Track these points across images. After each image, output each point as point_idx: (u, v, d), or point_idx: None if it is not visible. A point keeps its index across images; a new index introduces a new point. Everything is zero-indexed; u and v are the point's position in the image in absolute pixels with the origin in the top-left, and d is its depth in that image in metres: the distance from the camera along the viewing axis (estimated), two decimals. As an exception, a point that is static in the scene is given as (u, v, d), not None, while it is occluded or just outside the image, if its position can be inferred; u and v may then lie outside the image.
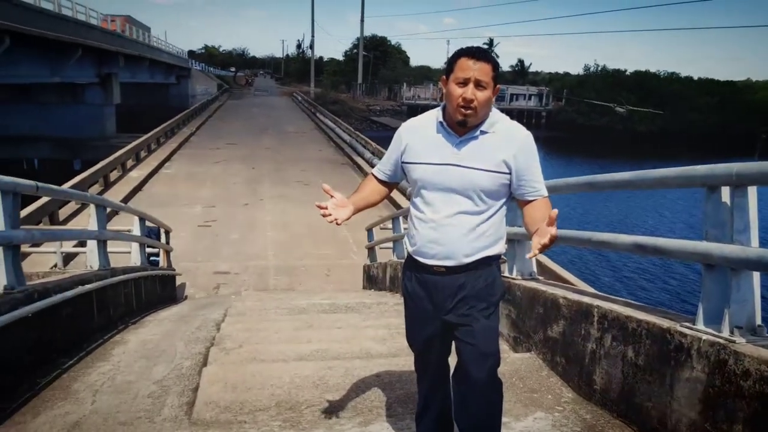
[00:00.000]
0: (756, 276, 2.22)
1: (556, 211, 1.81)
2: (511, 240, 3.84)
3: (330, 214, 2.04)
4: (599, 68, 64.04)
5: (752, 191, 2.23)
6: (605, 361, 2.75)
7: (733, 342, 2.11)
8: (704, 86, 58.64)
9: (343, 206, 2.09)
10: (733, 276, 2.20)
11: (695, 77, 62.49)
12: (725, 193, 2.27)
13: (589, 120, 54.23)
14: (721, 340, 2.14)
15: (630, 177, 2.93)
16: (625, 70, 61.52)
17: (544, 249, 1.81)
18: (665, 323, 2.41)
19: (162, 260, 8.56)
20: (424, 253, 2.09)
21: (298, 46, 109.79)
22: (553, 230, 1.77)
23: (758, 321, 2.22)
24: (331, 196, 2.07)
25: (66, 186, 11.25)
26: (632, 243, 2.85)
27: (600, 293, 3.61)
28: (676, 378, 2.29)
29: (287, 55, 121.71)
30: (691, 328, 2.29)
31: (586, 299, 3.01)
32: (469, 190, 2.00)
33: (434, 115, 2.09)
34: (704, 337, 2.20)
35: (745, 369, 1.99)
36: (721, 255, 2.22)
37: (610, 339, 2.72)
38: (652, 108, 51.61)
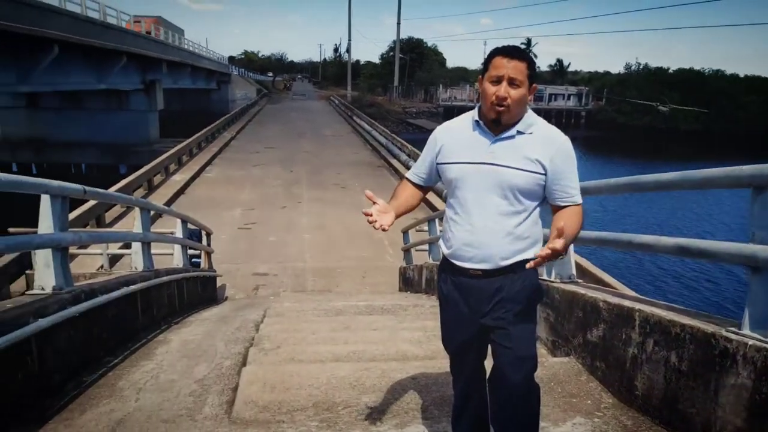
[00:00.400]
0: (807, 279, 2.14)
1: (563, 225, 1.78)
2: (550, 242, 3.79)
3: (376, 221, 2.03)
4: (641, 66, 62.61)
5: (802, 192, 2.15)
6: (647, 366, 2.68)
7: (782, 348, 2.04)
8: (751, 84, 56.61)
9: (386, 212, 2.08)
10: (781, 279, 2.12)
11: (741, 74, 60.44)
12: (773, 193, 2.19)
13: (631, 119, 53.04)
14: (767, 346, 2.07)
15: (674, 177, 2.85)
16: (668, 68, 59.98)
17: (542, 261, 1.81)
18: (710, 328, 2.34)
19: (203, 262, 8.75)
20: (460, 256, 2.08)
21: (335, 50, 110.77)
22: (557, 243, 1.75)
23: (809, 326, 2.13)
24: (374, 203, 2.06)
25: (112, 190, 11.61)
26: (675, 245, 2.78)
27: (641, 297, 3.53)
28: (720, 384, 2.23)
29: (324, 59, 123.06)
30: (736, 333, 2.22)
31: (627, 303, 2.95)
32: (504, 189, 1.98)
33: (470, 115, 2.09)
34: (750, 342, 2.13)
35: (795, 376, 1.92)
36: (769, 258, 2.15)
37: (652, 344, 2.65)
38: (696, 107, 50.09)
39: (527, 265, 1.88)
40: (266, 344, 4.03)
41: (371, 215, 2.02)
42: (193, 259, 8.02)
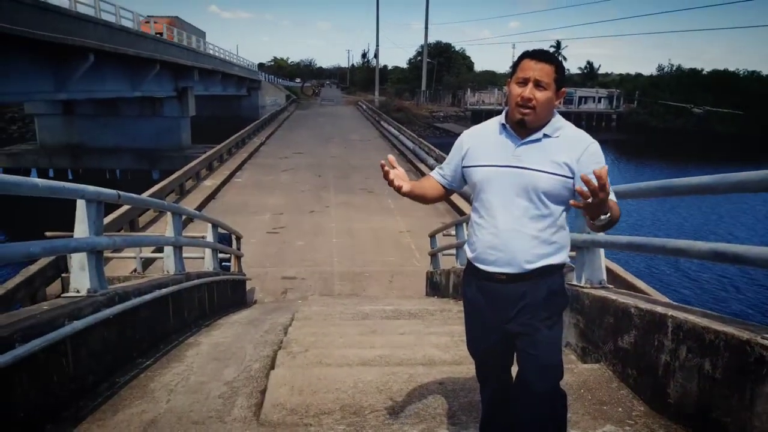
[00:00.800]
0: None
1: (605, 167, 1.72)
2: (580, 247, 3.74)
3: (393, 179, 2.04)
4: (673, 68, 61.32)
5: (843, 195, 2.08)
6: (680, 373, 2.62)
7: (822, 356, 1.97)
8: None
9: (405, 180, 2.09)
10: (821, 286, 2.05)
11: (778, 76, 58.68)
12: (812, 197, 2.13)
13: (663, 122, 51.95)
14: (808, 354, 2.01)
15: (707, 181, 2.78)
16: (702, 70, 58.61)
17: (592, 188, 1.69)
18: (745, 335, 2.28)
19: (233, 265, 8.86)
20: (484, 259, 2.06)
21: (363, 55, 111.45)
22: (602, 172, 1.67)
23: None
24: (393, 167, 2.07)
25: (145, 195, 11.85)
26: (710, 250, 2.71)
27: (674, 303, 3.45)
28: (756, 392, 2.16)
29: (353, 64, 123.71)
30: (774, 341, 2.16)
31: (659, 309, 2.89)
32: (529, 192, 1.97)
33: (497, 119, 2.09)
34: (789, 350, 2.07)
35: (836, 385, 1.86)
36: (808, 263, 2.08)
37: (686, 350, 2.59)
38: (731, 109, 48.83)
39: (571, 203, 1.81)
40: (294, 347, 4.06)
41: (388, 171, 2.03)
42: (223, 263, 8.13)
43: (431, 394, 2.97)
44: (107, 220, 9.80)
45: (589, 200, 1.72)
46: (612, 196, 1.93)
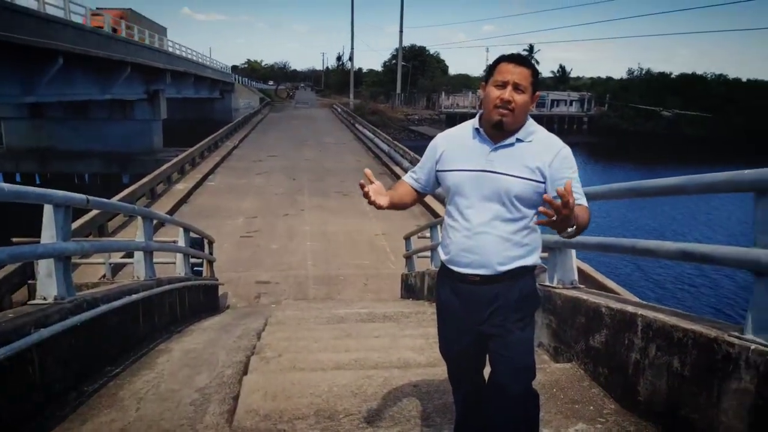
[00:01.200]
0: (810, 283, 2.12)
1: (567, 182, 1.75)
2: (552, 249, 3.79)
3: (372, 196, 2.03)
4: (643, 72, 62.60)
5: (804, 195, 2.14)
6: (650, 371, 2.67)
7: (785, 352, 2.02)
8: (754, 88, 56.53)
9: (382, 194, 2.08)
10: (784, 283, 2.11)
11: (744, 79, 60.37)
12: (776, 197, 2.18)
13: (634, 125, 52.98)
14: (771, 351, 2.05)
15: (676, 182, 2.85)
16: (671, 73, 59.97)
17: (550, 214, 1.72)
18: (712, 332, 2.33)
19: (205, 270, 8.75)
20: (458, 261, 2.07)
21: (338, 58, 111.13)
22: (569, 196, 1.69)
23: (813, 331, 2.12)
24: (371, 182, 2.05)
25: (115, 199, 11.65)
26: (678, 250, 2.77)
27: (644, 302, 3.51)
28: (723, 389, 2.21)
29: (327, 67, 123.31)
30: (739, 338, 2.21)
31: (629, 308, 2.93)
32: (502, 196, 1.99)
33: (470, 123, 2.11)
34: (753, 346, 2.11)
35: (799, 381, 1.90)
36: (771, 262, 2.14)
37: (655, 349, 2.64)
38: (699, 111, 50.01)
39: (536, 222, 1.83)
40: (268, 353, 4.02)
41: (368, 190, 2.01)
42: (195, 268, 8.03)
43: (406, 397, 2.96)
44: (75, 225, 9.61)
45: (554, 218, 1.74)
46: (583, 201, 1.96)
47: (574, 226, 1.86)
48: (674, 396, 2.49)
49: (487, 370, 2.19)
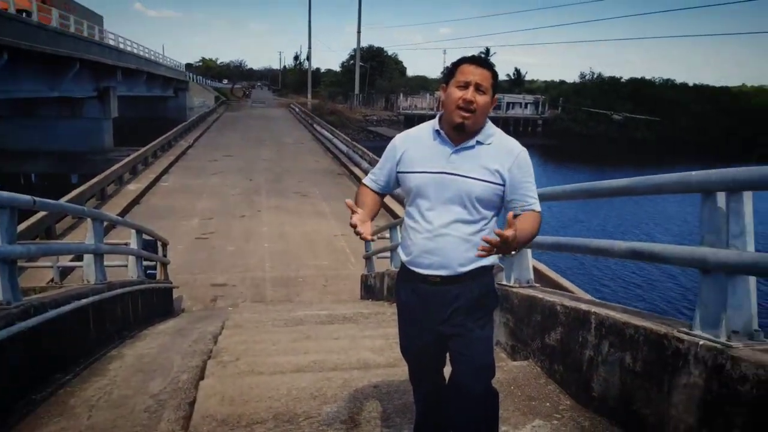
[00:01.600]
0: (752, 281, 2.22)
1: (511, 213, 1.92)
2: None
3: (362, 231, 2.02)
4: (595, 76, 64.35)
5: (748, 196, 2.23)
6: (603, 367, 2.74)
7: (730, 347, 2.11)
8: (699, 93, 58.89)
9: (365, 222, 2.07)
10: (729, 281, 2.19)
11: (690, 83, 62.78)
12: (721, 198, 2.27)
13: (586, 128, 54.38)
14: (718, 345, 2.14)
15: (627, 183, 2.94)
16: (621, 78, 61.82)
17: (489, 249, 1.81)
18: (662, 329, 2.41)
19: (159, 273, 8.54)
20: (419, 263, 2.09)
21: (296, 57, 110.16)
22: (507, 232, 1.78)
23: (755, 325, 2.21)
24: (354, 212, 2.04)
25: (63, 200, 11.26)
26: (628, 249, 2.85)
27: (597, 300, 3.61)
28: (673, 384, 2.29)
29: (284, 66, 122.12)
30: (688, 334, 2.29)
31: (583, 306, 3.01)
32: (463, 198, 2.01)
33: (430, 124, 2.11)
34: (701, 342, 2.20)
35: (743, 374, 1.99)
36: (717, 260, 2.22)
37: (608, 345, 2.71)
38: (648, 115, 51.78)
39: (476, 254, 1.87)
40: (225, 356, 3.95)
41: (357, 225, 2.01)
42: (148, 271, 7.83)
43: (366, 398, 2.96)
44: (22, 227, 9.23)
45: (494, 250, 1.82)
46: (536, 206, 2.04)
47: (515, 251, 2.00)
48: (627, 391, 2.56)
49: (447, 370, 2.21)
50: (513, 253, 1.96)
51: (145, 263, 7.31)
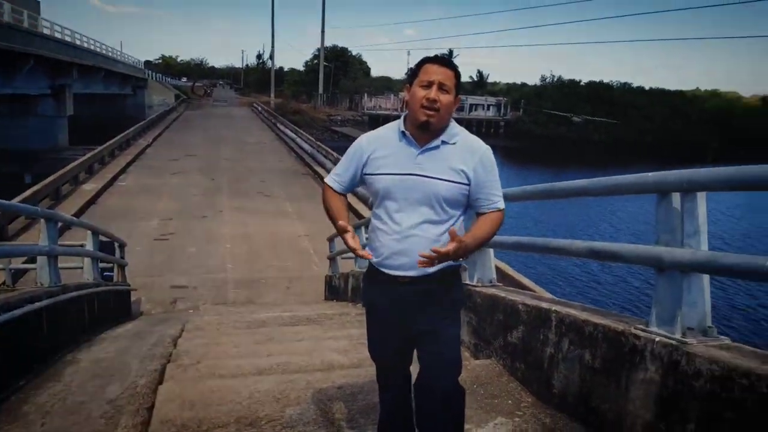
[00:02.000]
0: (706, 278, 2.28)
1: (454, 228, 1.94)
2: (471, 248, 3.87)
3: (362, 253, 2.05)
4: (555, 79, 65.56)
5: (702, 197, 2.30)
6: (563, 364, 2.78)
7: (685, 343, 2.17)
8: (655, 96, 60.67)
9: (356, 237, 2.07)
10: (683, 279, 2.26)
11: (647, 87, 64.58)
12: (676, 199, 2.34)
13: (547, 130, 55.36)
14: (673, 342, 2.19)
15: (586, 184, 3.01)
16: (580, 81, 63.18)
17: (432, 257, 1.88)
18: (620, 326, 2.46)
19: (117, 275, 8.33)
20: (389, 264, 2.09)
21: (258, 56, 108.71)
22: (449, 246, 1.87)
23: (709, 322, 2.28)
24: (347, 231, 2.04)
25: (16, 200, 10.88)
26: (587, 249, 2.91)
27: (558, 299, 3.67)
28: (631, 380, 2.34)
29: (247, 65, 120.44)
30: (644, 331, 2.34)
31: (544, 305, 3.05)
32: (431, 200, 2.03)
33: (395, 125, 2.11)
34: (657, 338, 2.25)
35: (697, 369, 2.04)
36: (672, 259, 2.28)
37: (568, 343, 2.76)
38: (606, 118, 53.09)
39: (417, 262, 1.93)
40: (185, 360, 3.87)
41: (357, 249, 2.03)
42: (105, 273, 7.63)
43: (330, 399, 2.94)
44: (-30, 228, 8.88)
45: (435, 262, 1.91)
46: (500, 203, 2.09)
47: (463, 258, 2.05)
48: (586, 387, 2.61)
49: (413, 368, 2.22)
50: (460, 260, 2.02)
51: (102, 265, 7.11)
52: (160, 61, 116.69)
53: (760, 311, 13.58)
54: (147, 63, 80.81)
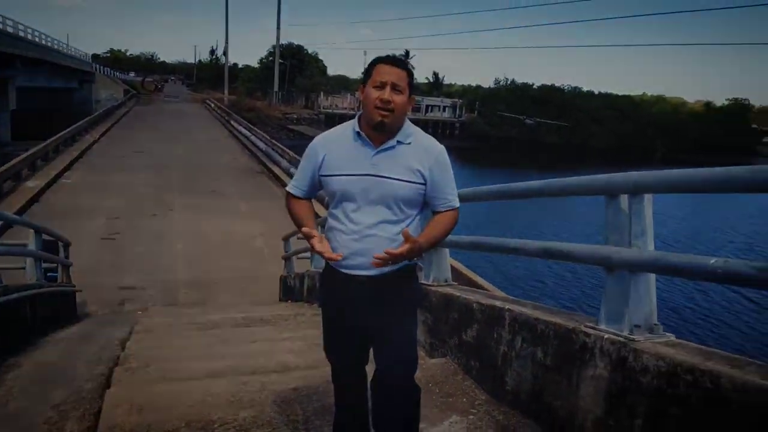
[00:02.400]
0: (652, 277, 2.36)
1: (407, 229, 1.96)
2: (427, 247, 3.90)
3: (332, 256, 2.03)
4: (508, 81, 66.81)
5: (648, 198, 2.38)
6: (516, 362, 2.83)
7: (633, 340, 2.23)
8: (604, 100, 62.61)
9: (324, 241, 2.08)
10: (631, 278, 2.33)
11: (596, 92, 66.53)
12: (624, 200, 2.41)
13: (501, 131, 56.41)
14: (621, 339, 2.26)
15: (538, 186, 3.08)
16: (533, 84, 64.59)
17: (386, 258, 1.92)
18: (571, 324, 2.52)
19: (61, 276, 8.02)
20: (346, 264, 2.08)
21: (212, 52, 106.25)
22: (402, 248, 1.91)
23: (655, 320, 2.35)
24: (313, 236, 2.03)
25: (-50, 197, 10.34)
26: (540, 248, 2.97)
27: (511, 297, 3.73)
28: (581, 377, 2.40)
29: (200, 60, 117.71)
30: (594, 328, 2.41)
31: (498, 303, 3.10)
32: (388, 199, 2.03)
33: (350, 125, 2.11)
34: (606, 336, 2.32)
35: (644, 365, 2.11)
36: (620, 258, 2.35)
37: (521, 341, 2.81)
38: (557, 120, 54.47)
39: (372, 262, 1.95)
40: (133, 363, 3.76)
41: (324, 252, 2.02)
42: (48, 274, 7.33)
43: (285, 401, 2.90)
44: None
45: (389, 263, 1.96)
46: (455, 202, 2.11)
47: (417, 258, 2.11)
48: (538, 385, 2.67)
49: (369, 368, 2.22)
50: (415, 259, 2.07)
51: (45, 265, 6.84)
52: (108, 54, 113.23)
53: (703, 308, 14.20)
54: (95, 57, 78.43)
